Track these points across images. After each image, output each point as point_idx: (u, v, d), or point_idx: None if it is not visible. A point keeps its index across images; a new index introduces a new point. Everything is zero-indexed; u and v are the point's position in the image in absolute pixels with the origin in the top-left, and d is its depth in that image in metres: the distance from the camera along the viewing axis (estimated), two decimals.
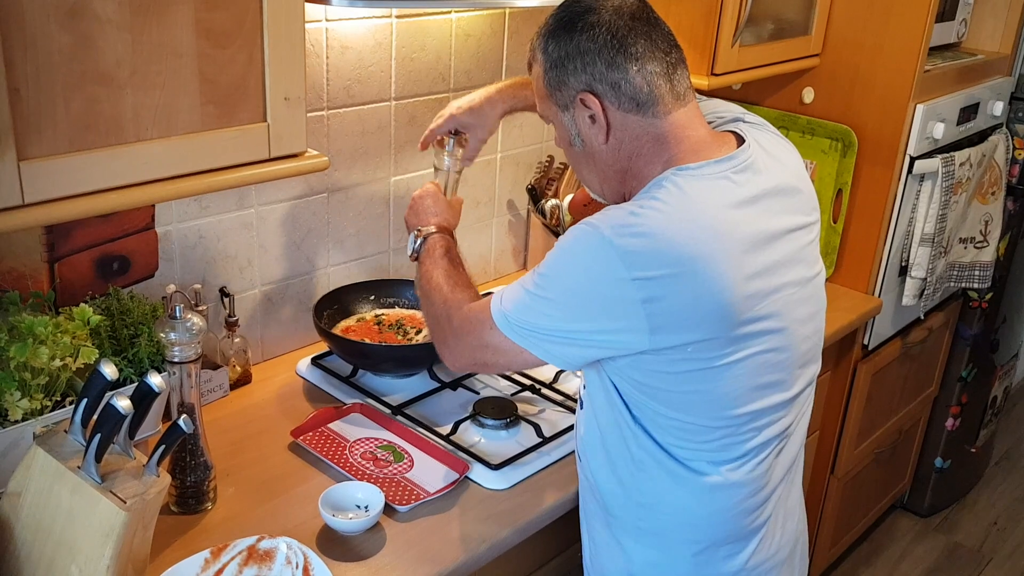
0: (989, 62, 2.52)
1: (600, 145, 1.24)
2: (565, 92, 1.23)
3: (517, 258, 2.33)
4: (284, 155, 1.31)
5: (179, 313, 1.30)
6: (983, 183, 2.50)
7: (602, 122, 1.22)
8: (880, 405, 2.57)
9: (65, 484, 1.14)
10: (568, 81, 1.22)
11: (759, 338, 1.18)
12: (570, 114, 1.24)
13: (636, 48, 1.19)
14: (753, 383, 1.21)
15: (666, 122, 1.21)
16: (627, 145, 1.23)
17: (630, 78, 1.19)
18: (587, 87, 1.21)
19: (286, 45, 1.25)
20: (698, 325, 1.14)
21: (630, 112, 1.21)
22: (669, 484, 1.25)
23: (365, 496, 1.40)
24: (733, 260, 1.14)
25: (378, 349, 1.77)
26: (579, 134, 1.25)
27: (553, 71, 1.23)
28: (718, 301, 1.13)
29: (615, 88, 1.20)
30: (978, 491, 3.29)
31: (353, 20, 1.75)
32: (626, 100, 1.20)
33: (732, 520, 1.28)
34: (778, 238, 1.22)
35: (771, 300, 1.19)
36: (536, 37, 1.26)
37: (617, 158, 1.24)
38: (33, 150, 1.06)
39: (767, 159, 1.26)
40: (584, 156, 1.28)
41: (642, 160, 1.23)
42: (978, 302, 2.81)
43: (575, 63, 1.20)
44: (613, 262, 1.11)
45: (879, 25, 2.15)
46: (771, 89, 2.33)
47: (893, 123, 2.19)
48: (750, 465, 1.25)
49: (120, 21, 1.08)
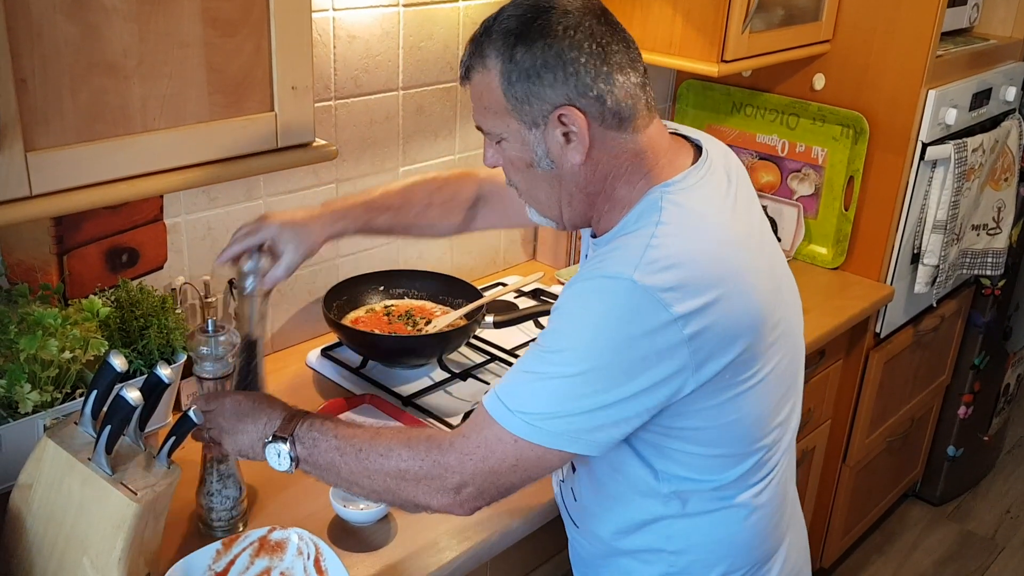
0: (1001, 47, 2.49)
1: (572, 166, 1.09)
2: (537, 106, 1.05)
3: (527, 248, 2.32)
4: (292, 145, 1.30)
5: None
6: (996, 169, 2.48)
7: (584, 140, 1.06)
8: (892, 393, 2.56)
9: (76, 476, 1.14)
10: (543, 94, 1.04)
11: (778, 345, 1.13)
12: (539, 131, 1.07)
13: (617, 56, 1.06)
14: (777, 395, 1.16)
15: (643, 136, 1.10)
16: (604, 165, 1.10)
17: (615, 90, 1.05)
18: (568, 101, 1.04)
19: (293, 34, 1.24)
20: (737, 342, 1.05)
21: (611, 129, 1.07)
22: (705, 525, 1.18)
23: None
24: (754, 266, 1.09)
25: (388, 340, 1.76)
26: (548, 154, 1.09)
27: (522, 82, 1.04)
28: (754, 312, 1.07)
29: (600, 102, 1.05)
30: (991, 479, 3.27)
31: (360, 9, 1.74)
32: (610, 116, 1.06)
33: (761, 543, 1.23)
34: (761, 228, 1.18)
35: (780, 300, 1.15)
36: (487, 40, 1.07)
37: (591, 180, 1.11)
38: (40, 141, 1.05)
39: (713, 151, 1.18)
40: (547, 178, 1.12)
41: (619, 180, 1.11)
42: (991, 289, 2.79)
43: (555, 73, 1.03)
44: (651, 305, 0.99)
45: (890, 10, 2.13)
46: (782, 76, 2.32)
47: (905, 109, 2.17)
48: (774, 483, 1.20)
49: (127, 11, 1.07)
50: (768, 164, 2.38)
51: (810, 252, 2.36)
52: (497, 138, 1.12)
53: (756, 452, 1.16)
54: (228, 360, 1.28)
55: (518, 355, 1.85)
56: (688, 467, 1.14)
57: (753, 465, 1.16)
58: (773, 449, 1.19)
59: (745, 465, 1.15)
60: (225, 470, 1.31)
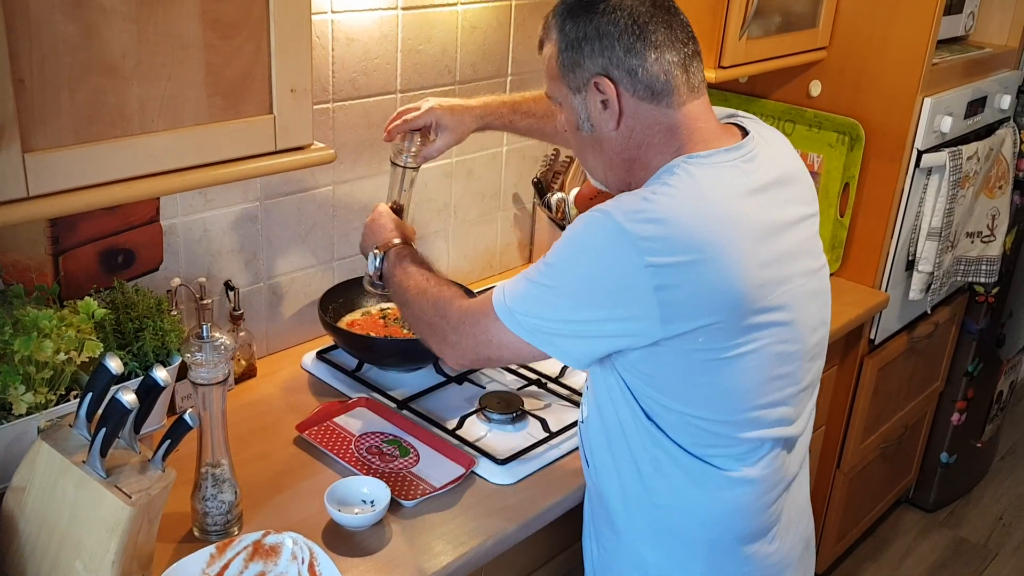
0: (997, 55, 2.51)
1: (610, 132, 1.22)
2: (579, 74, 1.20)
3: (523, 252, 2.32)
4: (290, 147, 1.30)
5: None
6: (990, 177, 2.49)
7: (615, 108, 1.20)
8: (886, 399, 2.56)
9: (70, 479, 1.14)
10: (583, 63, 1.19)
11: (769, 329, 1.17)
12: (581, 97, 1.22)
13: (656, 36, 1.17)
14: (765, 375, 1.20)
15: (680, 113, 1.20)
16: (638, 134, 1.21)
17: (648, 66, 1.17)
18: (603, 71, 1.18)
19: (292, 36, 1.24)
20: (710, 312, 1.12)
21: (644, 100, 1.19)
22: (686, 482, 1.23)
23: (371, 491, 1.40)
24: (746, 248, 1.13)
25: (383, 343, 1.76)
26: (588, 118, 1.23)
27: (568, 51, 1.20)
28: (731, 288, 1.12)
29: (632, 75, 1.18)
30: (983, 486, 3.28)
31: (359, 12, 1.74)
32: (642, 88, 1.18)
33: (748, 517, 1.26)
34: (787, 228, 1.21)
35: (781, 291, 1.18)
36: (552, 15, 1.24)
37: (626, 146, 1.22)
38: (38, 142, 1.05)
39: (769, 150, 1.26)
40: (591, 141, 1.25)
41: (652, 150, 1.21)
42: (984, 296, 2.80)
43: (592, 45, 1.18)
44: (626, 248, 1.10)
45: (887, 18, 2.14)
46: (778, 82, 2.32)
47: (900, 117, 2.18)
48: (765, 461, 1.24)
49: (126, 11, 1.07)
50: None
51: None
52: (557, 102, 1.27)
53: (736, 422, 1.20)
54: (224, 365, 1.27)
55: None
56: (671, 425, 1.21)
57: (736, 439, 1.21)
58: (763, 426, 1.22)
59: (725, 431, 1.20)
60: (220, 474, 1.30)
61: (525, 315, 1.19)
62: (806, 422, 1.32)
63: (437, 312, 1.32)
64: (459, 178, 2.08)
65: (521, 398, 1.69)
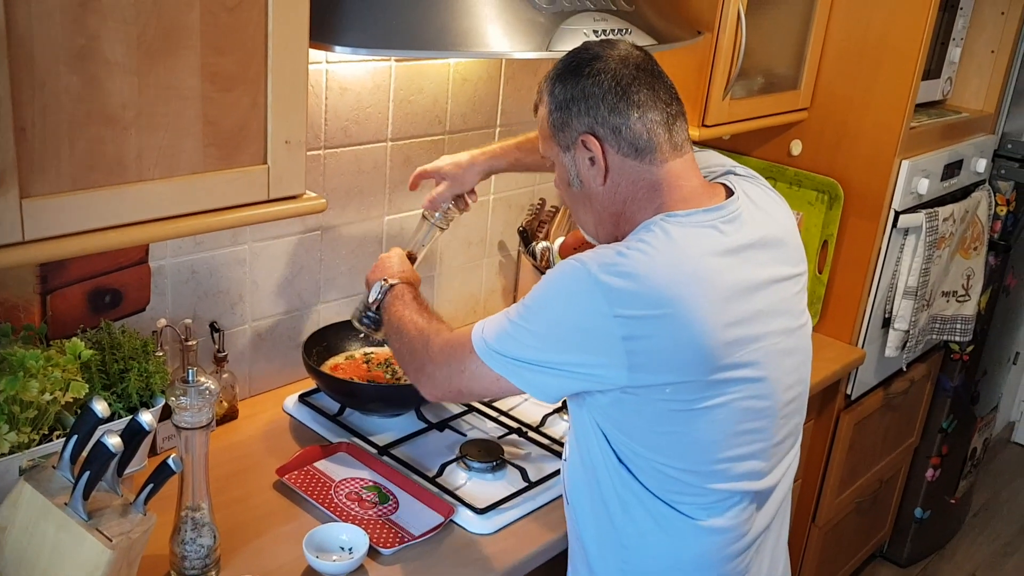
0: (973, 120, 2.57)
1: (598, 187, 1.27)
2: (568, 133, 1.27)
3: (507, 298, 2.34)
4: (283, 197, 1.32)
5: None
6: (966, 238, 2.54)
7: (601, 165, 1.25)
8: (862, 454, 2.59)
9: (51, 520, 1.14)
10: (571, 123, 1.26)
11: (738, 385, 1.20)
12: (571, 155, 1.28)
13: (638, 96, 1.23)
14: (732, 429, 1.23)
15: (662, 170, 1.25)
16: (623, 189, 1.26)
17: (631, 124, 1.23)
18: (589, 129, 1.25)
19: (289, 90, 1.27)
20: (677, 368, 1.17)
21: (628, 157, 1.25)
22: (652, 526, 1.26)
23: (350, 538, 1.40)
24: (714, 306, 1.17)
25: (366, 388, 1.77)
26: (578, 175, 1.29)
27: (558, 112, 1.27)
28: (697, 345, 1.16)
29: (616, 132, 1.24)
30: (957, 542, 3.30)
31: (353, 63, 1.78)
32: (625, 145, 1.24)
33: (714, 566, 1.28)
34: (762, 288, 1.25)
35: (752, 348, 1.21)
36: (544, 80, 1.31)
37: (613, 201, 1.28)
38: (36, 188, 1.07)
39: (755, 211, 1.29)
40: (582, 197, 1.31)
41: (636, 205, 1.26)
42: (959, 354, 2.84)
43: (579, 105, 1.24)
44: (596, 297, 1.15)
45: (867, 81, 2.20)
46: (760, 141, 2.37)
47: (879, 177, 2.23)
48: (733, 512, 1.26)
49: (128, 64, 1.09)
50: None
51: None
52: (550, 161, 1.34)
53: (703, 472, 1.23)
54: (208, 410, 1.28)
55: (496, 407, 1.86)
56: (641, 469, 1.24)
57: (703, 489, 1.24)
58: (729, 478, 1.25)
59: (692, 480, 1.24)
60: (200, 518, 1.31)
61: (500, 350, 1.24)
62: (780, 476, 1.34)
63: (422, 343, 1.38)
64: None
65: (502, 447, 1.70)
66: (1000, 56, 2.57)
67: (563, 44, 1.45)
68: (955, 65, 2.52)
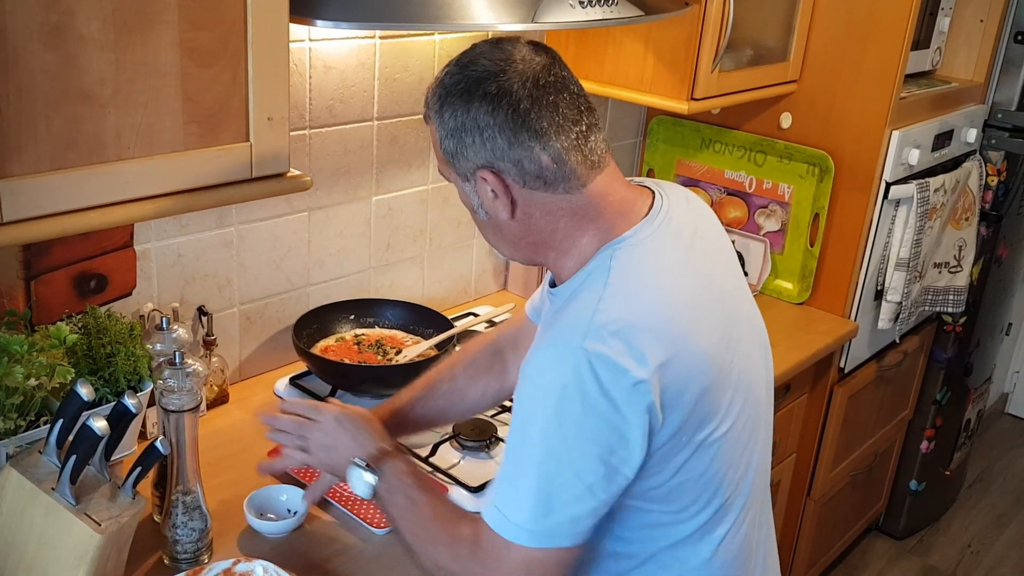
0: (963, 90, 2.56)
1: (506, 219, 1.12)
2: (464, 164, 1.10)
3: (497, 278, 2.33)
4: (266, 175, 1.30)
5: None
6: (957, 209, 2.54)
7: (505, 199, 1.10)
8: (856, 428, 2.59)
9: (39, 506, 1.13)
10: (466, 153, 1.09)
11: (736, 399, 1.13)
12: (471, 185, 1.12)
13: (540, 123, 1.06)
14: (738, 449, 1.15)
15: (583, 195, 1.10)
16: (538, 219, 1.12)
17: (534, 156, 1.07)
18: (487, 164, 1.08)
19: (270, 65, 1.25)
20: (688, 402, 1.06)
21: (537, 190, 1.09)
22: None
23: (290, 498, 1.44)
24: (707, 324, 1.10)
25: (357, 369, 1.76)
26: (482, 205, 1.13)
27: (450, 140, 1.10)
28: (706, 374, 1.07)
29: (518, 166, 1.07)
30: (952, 514, 3.31)
31: (337, 40, 1.76)
32: (531, 178, 1.08)
33: None
34: (724, 274, 1.19)
35: (738, 353, 1.14)
36: (430, 94, 1.12)
37: (528, 231, 1.13)
38: (13, 168, 1.05)
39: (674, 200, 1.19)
40: (491, 225, 1.16)
41: (559, 234, 1.12)
42: (952, 326, 2.84)
43: (473, 137, 1.07)
44: (611, 372, 0.99)
45: (856, 53, 2.18)
46: (749, 114, 2.36)
47: (869, 149, 2.22)
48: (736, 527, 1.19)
49: (104, 40, 1.07)
50: (736, 200, 2.41)
51: (776, 287, 2.40)
52: (447, 180, 1.17)
53: (714, 502, 1.14)
54: (195, 392, 1.27)
55: None
56: (645, 525, 1.14)
57: (713, 514, 1.15)
58: (736, 493, 1.17)
59: (703, 516, 1.14)
60: (191, 501, 1.30)
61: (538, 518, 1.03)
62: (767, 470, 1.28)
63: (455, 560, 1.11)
64: (435, 205, 2.09)
65: (495, 425, 1.69)
66: (989, 25, 2.56)
67: (548, 16, 1.44)
68: (944, 35, 2.51)
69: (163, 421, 1.27)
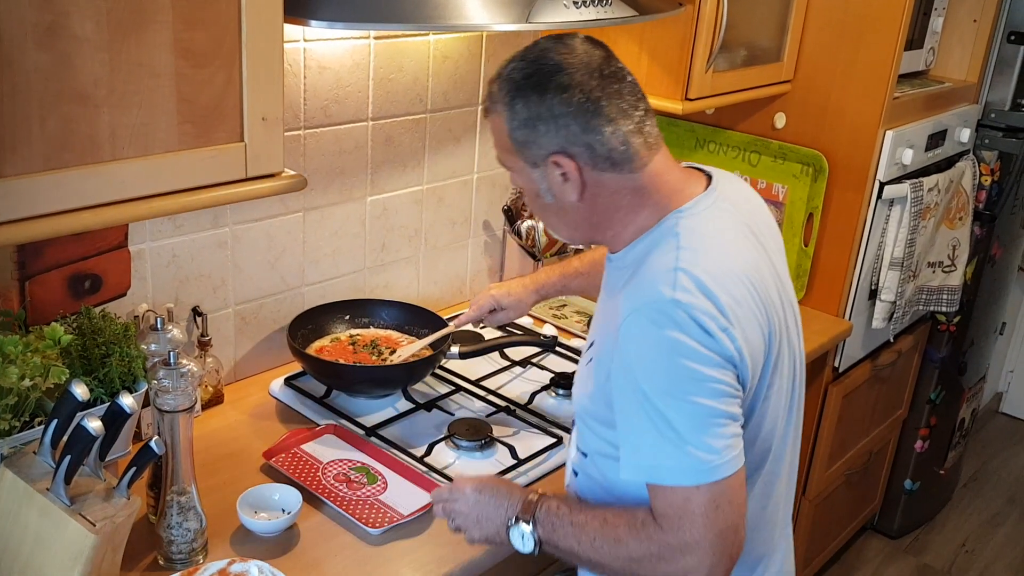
0: (956, 90, 2.57)
1: (572, 200, 1.20)
2: (535, 151, 1.18)
3: (493, 278, 2.33)
4: (261, 175, 1.30)
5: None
6: (951, 208, 2.54)
7: (577, 182, 1.18)
8: (851, 427, 2.59)
9: (34, 506, 1.13)
10: (538, 141, 1.17)
11: (783, 358, 1.24)
12: (540, 171, 1.19)
13: (610, 110, 1.15)
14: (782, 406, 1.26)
15: (643, 175, 1.19)
16: (603, 200, 1.20)
17: (605, 139, 1.15)
18: (560, 149, 1.16)
19: (265, 65, 1.25)
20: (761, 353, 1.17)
21: (605, 171, 1.18)
22: None
23: (282, 497, 1.45)
24: (767, 287, 1.20)
25: (352, 370, 1.76)
26: (550, 190, 1.20)
27: (521, 130, 1.17)
28: (770, 329, 1.18)
29: (590, 149, 1.16)
30: (946, 513, 3.32)
31: (331, 41, 1.76)
32: (602, 160, 1.17)
33: None
34: (773, 254, 1.27)
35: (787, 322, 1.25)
36: (497, 86, 1.20)
37: (592, 212, 1.21)
38: (7, 168, 1.05)
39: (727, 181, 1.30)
40: (554, 208, 1.23)
41: (621, 212, 1.21)
42: (946, 325, 2.85)
43: (547, 125, 1.15)
44: (703, 318, 1.09)
45: (849, 53, 2.19)
46: (744, 114, 2.36)
47: (863, 149, 2.22)
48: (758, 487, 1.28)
49: (98, 40, 1.07)
50: None
51: None
52: (509, 169, 1.24)
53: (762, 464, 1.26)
54: (190, 392, 1.27)
55: (483, 385, 1.85)
56: None
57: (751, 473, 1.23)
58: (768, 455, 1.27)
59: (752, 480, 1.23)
60: (186, 502, 1.30)
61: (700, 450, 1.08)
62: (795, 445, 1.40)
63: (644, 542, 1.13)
64: (430, 205, 2.09)
65: (490, 425, 1.69)
66: (982, 25, 2.57)
67: (543, 16, 1.44)
68: (938, 35, 2.52)
69: (158, 422, 1.27)
